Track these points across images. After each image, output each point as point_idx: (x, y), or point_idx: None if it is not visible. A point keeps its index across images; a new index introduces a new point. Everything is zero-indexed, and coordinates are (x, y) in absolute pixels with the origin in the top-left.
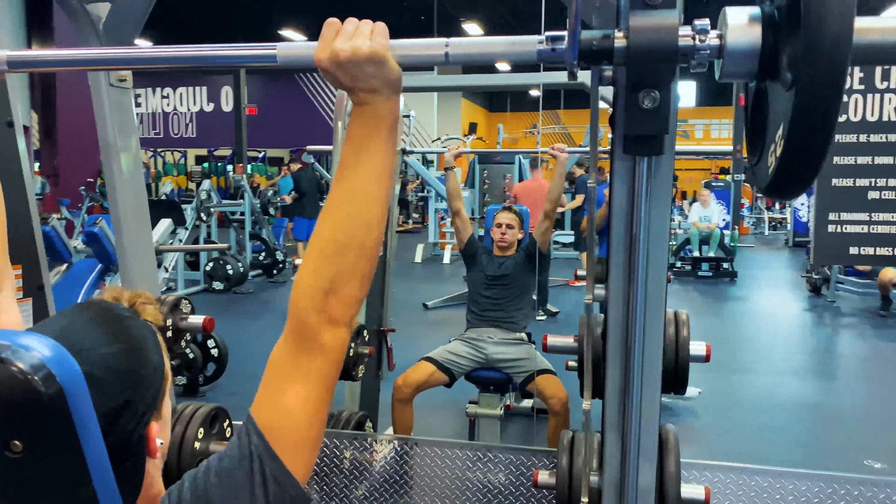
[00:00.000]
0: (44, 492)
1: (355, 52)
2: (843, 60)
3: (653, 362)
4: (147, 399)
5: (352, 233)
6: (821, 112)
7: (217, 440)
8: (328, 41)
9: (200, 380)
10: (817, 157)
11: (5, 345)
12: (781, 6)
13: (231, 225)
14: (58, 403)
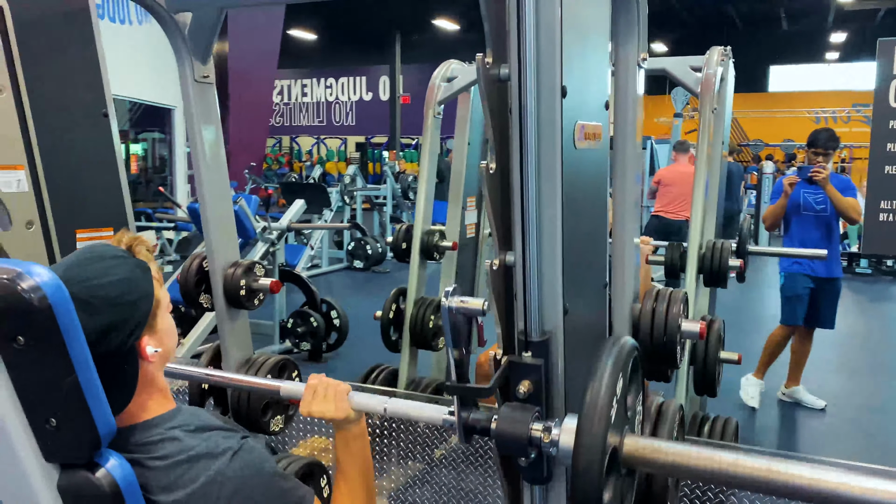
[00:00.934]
0: (42, 377)
1: (322, 414)
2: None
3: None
4: (135, 320)
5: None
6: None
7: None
8: (307, 402)
9: (323, 347)
10: None
11: (17, 271)
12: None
13: (374, 208)
14: (47, 313)
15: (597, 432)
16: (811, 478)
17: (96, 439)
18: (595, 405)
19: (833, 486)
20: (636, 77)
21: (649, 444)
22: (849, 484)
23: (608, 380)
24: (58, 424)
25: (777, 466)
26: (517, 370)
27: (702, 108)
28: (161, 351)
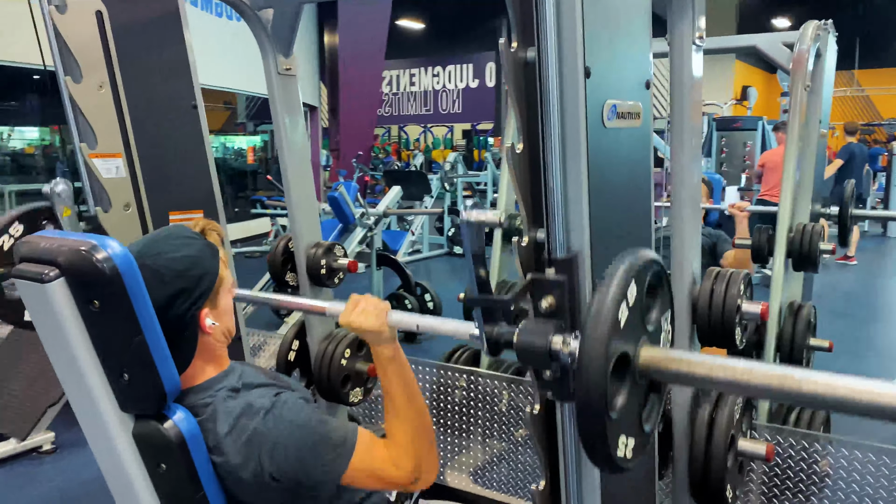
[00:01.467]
0: (115, 336)
1: (360, 326)
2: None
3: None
4: (198, 292)
5: (414, 431)
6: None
7: (363, 361)
8: (348, 312)
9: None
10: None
11: (93, 243)
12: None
13: (475, 195)
14: (116, 280)
15: (601, 332)
16: (825, 383)
17: (162, 393)
18: (601, 306)
19: (844, 393)
20: (691, 57)
21: (663, 353)
22: (858, 389)
23: (618, 282)
24: (129, 378)
25: (791, 373)
26: (540, 286)
27: (792, 85)
28: (219, 325)
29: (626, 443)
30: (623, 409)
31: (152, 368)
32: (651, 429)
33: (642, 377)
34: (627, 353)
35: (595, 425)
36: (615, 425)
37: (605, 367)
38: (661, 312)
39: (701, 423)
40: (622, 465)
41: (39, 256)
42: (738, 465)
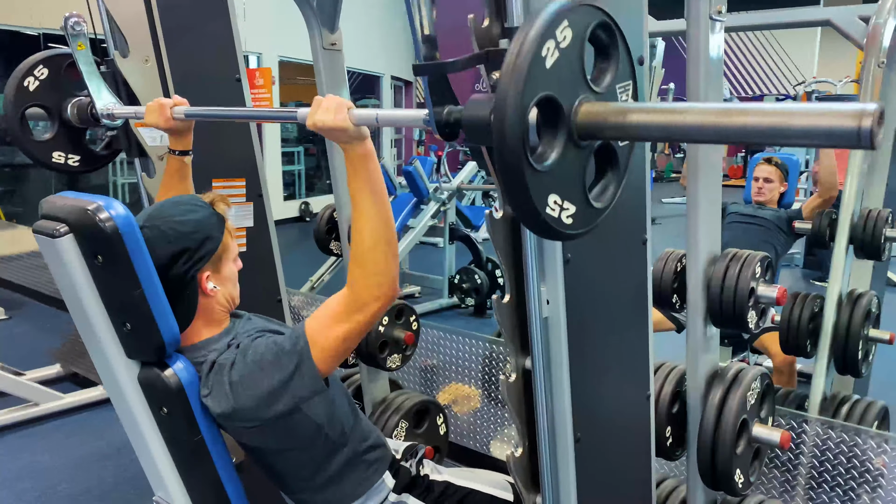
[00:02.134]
0: (117, 288)
1: (324, 124)
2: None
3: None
4: (199, 254)
5: (374, 240)
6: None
7: (400, 329)
8: (312, 114)
9: (487, 304)
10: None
11: (99, 204)
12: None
13: None
14: (116, 238)
15: (519, 64)
16: (757, 112)
17: (161, 343)
18: (523, 37)
19: (778, 120)
20: (708, 32)
21: (601, 106)
22: (793, 112)
23: (545, 17)
24: (131, 328)
25: (727, 107)
26: (495, 60)
27: (865, 61)
28: (221, 290)
29: (559, 204)
30: (556, 165)
31: (151, 320)
32: (603, 207)
33: (584, 137)
34: (556, 100)
35: (511, 169)
36: (542, 179)
37: (520, 102)
38: (615, 78)
39: (711, 405)
40: (554, 226)
41: (55, 214)
42: (752, 450)
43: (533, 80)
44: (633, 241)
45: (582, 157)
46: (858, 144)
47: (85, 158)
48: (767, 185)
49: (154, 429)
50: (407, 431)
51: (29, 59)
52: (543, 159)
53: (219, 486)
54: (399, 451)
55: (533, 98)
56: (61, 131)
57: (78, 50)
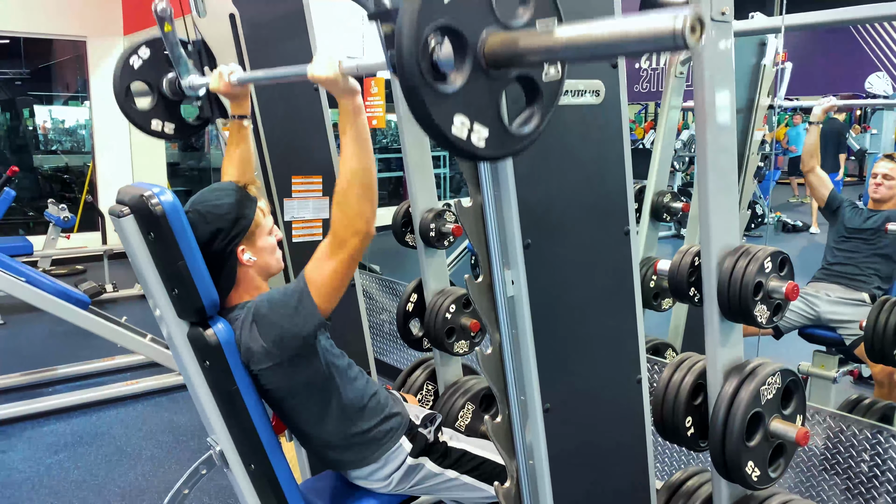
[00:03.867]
0: (166, 260)
1: (318, 76)
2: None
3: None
4: (234, 231)
5: (351, 182)
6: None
7: (467, 316)
8: (311, 68)
9: None
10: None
11: (151, 192)
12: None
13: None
14: (162, 218)
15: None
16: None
17: (201, 306)
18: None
19: (619, 29)
20: (711, 34)
21: (506, 35)
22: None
23: None
24: (178, 293)
25: (586, 28)
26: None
27: None
28: (258, 261)
29: (468, 126)
30: (463, 90)
31: (193, 287)
32: (525, 134)
33: (493, 66)
34: (456, 29)
35: (408, 89)
36: (445, 101)
37: (414, 30)
38: (534, 14)
39: (723, 396)
40: (463, 146)
41: (122, 199)
42: (769, 445)
43: (426, 12)
44: (614, 232)
45: (496, 85)
46: (675, 46)
47: (179, 126)
48: (887, 181)
49: (202, 378)
50: (473, 414)
51: (134, 42)
52: (449, 83)
53: (252, 430)
54: (419, 417)
55: (427, 27)
56: (160, 103)
57: (165, 31)
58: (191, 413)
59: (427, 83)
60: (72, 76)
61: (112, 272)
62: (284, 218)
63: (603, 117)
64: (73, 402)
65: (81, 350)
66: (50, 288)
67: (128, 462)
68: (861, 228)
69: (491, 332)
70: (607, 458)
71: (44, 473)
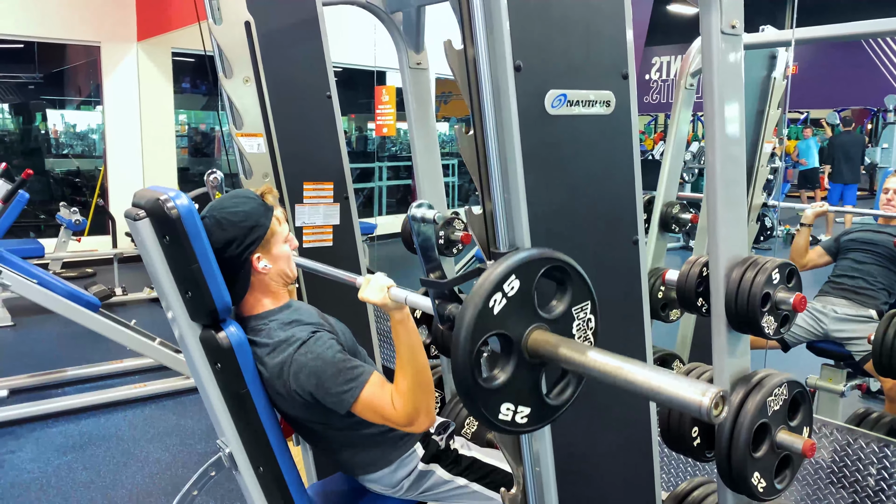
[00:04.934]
0: (180, 263)
1: (368, 299)
2: None
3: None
4: (249, 240)
5: (417, 390)
6: None
7: None
8: (363, 289)
9: None
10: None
11: (167, 196)
12: None
13: None
14: (177, 222)
15: (468, 317)
16: (637, 372)
17: (213, 309)
18: (471, 297)
19: (657, 383)
20: (721, 46)
21: (547, 337)
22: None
23: (493, 278)
24: (191, 295)
25: (620, 364)
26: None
27: None
28: (273, 268)
29: (512, 409)
30: (507, 382)
31: (205, 290)
32: (561, 404)
33: (534, 356)
34: (505, 334)
35: (464, 390)
36: (492, 395)
37: (468, 345)
38: (570, 304)
39: (730, 406)
40: (508, 427)
41: (138, 202)
42: (776, 457)
43: (480, 326)
44: (622, 242)
45: (536, 370)
46: (699, 416)
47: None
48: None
49: (213, 381)
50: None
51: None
52: (494, 379)
53: (261, 433)
54: (434, 425)
55: (481, 338)
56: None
57: (216, 198)
58: (198, 416)
59: (479, 386)
60: (84, 81)
61: (122, 276)
62: (296, 223)
63: (613, 128)
64: (82, 403)
65: (91, 352)
66: (61, 290)
67: (135, 464)
68: (874, 241)
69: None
70: (613, 466)
71: (52, 474)
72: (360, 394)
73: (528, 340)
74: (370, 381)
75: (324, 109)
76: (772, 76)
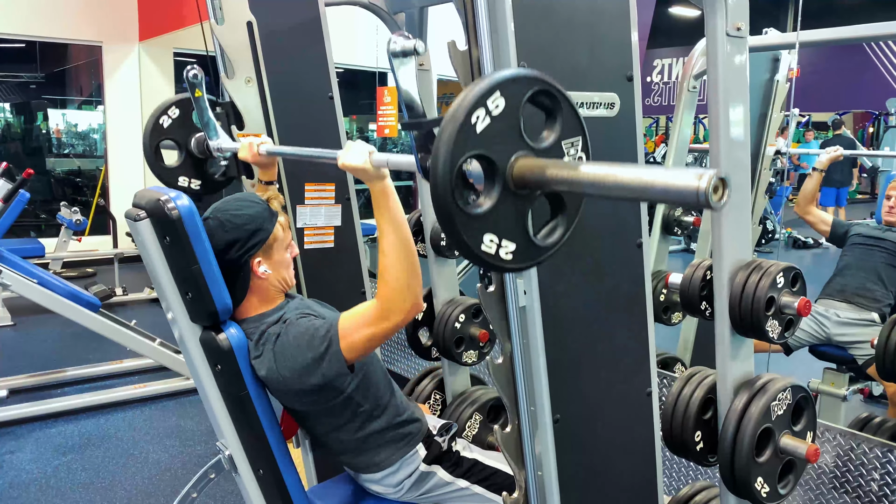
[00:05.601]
0: (180, 264)
1: (347, 164)
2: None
3: None
4: (251, 243)
5: (395, 267)
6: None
7: (476, 326)
8: (342, 156)
9: None
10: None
11: (168, 196)
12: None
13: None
14: (178, 223)
15: (448, 132)
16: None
17: (214, 310)
18: (453, 110)
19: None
20: (726, 49)
21: (533, 161)
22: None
23: (476, 91)
24: (192, 297)
25: (610, 168)
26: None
27: None
28: (273, 273)
29: (496, 242)
30: (492, 210)
31: (206, 291)
32: (550, 245)
33: (520, 187)
34: (488, 157)
35: (442, 214)
36: (474, 222)
37: (448, 163)
38: (560, 135)
39: (734, 410)
40: (491, 261)
41: (139, 203)
42: (780, 461)
43: (461, 143)
44: (626, 244)
45: (523, 203)
46: (697, 204)
47: (205, 183)
48: None
49: (213, 382)
50: (481, 424)
51: (164, 101)
52: (477, 206)
53: (262, 435)
54: (436, 427)
55: (461, 157)
56: (187, 160)
57: (196, 96)
58: (198, 418)
59: (459, 208)
60: (86, 80)
61: (122, 276)
62: (297, 224)
63: (617, 130)
64: (82, 404)
65: (90, 352)
66: (61, 290)
67: (135, 465)
68: (878, 237)
69: (502, 342)
70: (615, 470)
71: (51, 475)
72: (339, 332)
73: (513, 168)
74: (340, 318)
75: (326, 110)
76: (775, 79)
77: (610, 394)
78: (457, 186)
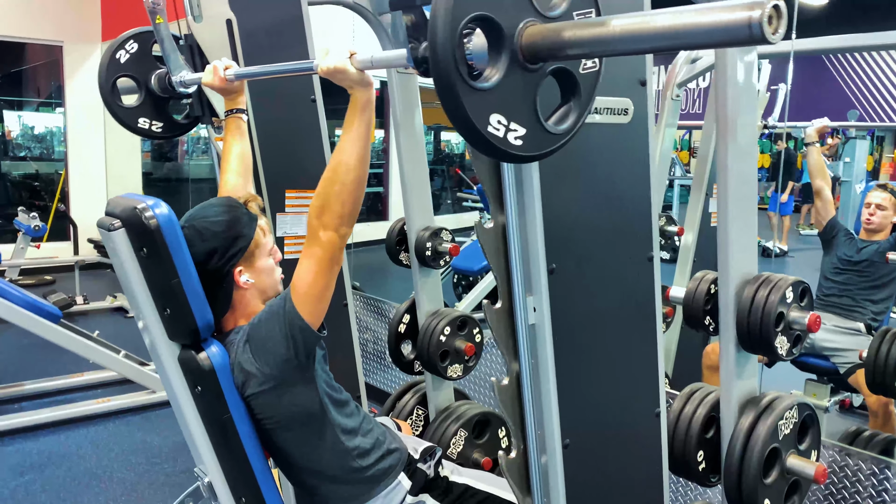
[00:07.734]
0: (158, 278)
1: (329, 67)
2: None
3: None
4: (232, 251)
5: (337, 173)
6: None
7: (462, 339)
8: (321, 57)
9: None
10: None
11: (145, 204)
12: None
13: None
14: (157, 233)
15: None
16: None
17: (195, 327)
18: None
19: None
20: (734, 57)
21: (541, 26)
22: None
23: None
24: (171, 313)
25: (644, 16)
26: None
27: None
28: (255, 283)
29: (504, 125)
30: (499, 86)
31: (186, 307)
32: (562, 132)
33: (531, 60)
34: (493, 20)
35: (444, 86)
36: (481, 98)
37: (448, 24)
38: (571, 5)
39: (739, 430)
40: (499, 145)
41: (113, 211)
42: (786, 482)
43: (463, 1)
44: (636, 258)
45: (532, 80)
46: (750, 39)
47: (167, 125)
48: (880, 211)
49: (191, 405)
50: (466, 441)
51: (122, 35)
52: (485, 79)
53: (244, 461)
54: (418, 451)
55: (464, 16)
56: (147, 100)
57: (157, 23)
58: (165, 433)
59: (463, 79)
60: (45, 81)
61: (83, 284)
62: (277, 233)
63: (631, 137)
64: (41, 420)
65: (49, 365)
66: (19, 300)
67: (98, 485)
68: (855, 261)
69: (508, 362)
70: (623, 494)
71: (8, 497)
72: (290, 291)
73: (522, 36)
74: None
75: (309, 114)
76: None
77: (620, 415)
78: (459, 53)
